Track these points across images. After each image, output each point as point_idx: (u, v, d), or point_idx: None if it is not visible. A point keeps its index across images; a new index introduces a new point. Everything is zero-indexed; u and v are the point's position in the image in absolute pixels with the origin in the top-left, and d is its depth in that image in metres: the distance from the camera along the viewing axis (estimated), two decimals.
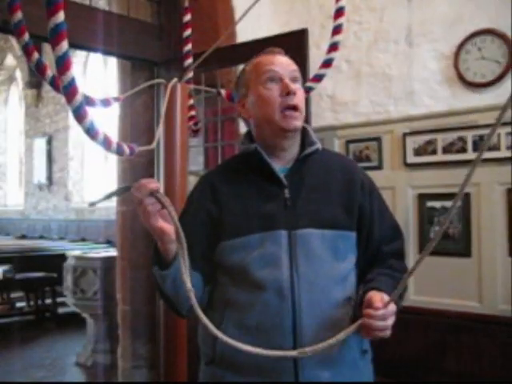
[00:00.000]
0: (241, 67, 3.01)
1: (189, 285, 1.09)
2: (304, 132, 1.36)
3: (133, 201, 1.12)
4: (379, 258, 1.33)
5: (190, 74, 2.19)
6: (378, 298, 1.11)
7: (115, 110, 3.42)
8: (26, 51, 1.65)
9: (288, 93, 1.26)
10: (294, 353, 1.12)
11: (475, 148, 2.50)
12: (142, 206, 1.09)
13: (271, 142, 1.31)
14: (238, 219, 1.26)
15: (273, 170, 1.29)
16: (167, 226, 1.12)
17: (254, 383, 1.18)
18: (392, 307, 1.10)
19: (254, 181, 1.31)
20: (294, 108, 1.27)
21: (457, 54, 2.58)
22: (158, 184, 1.10)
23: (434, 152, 2.63)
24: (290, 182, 1.29)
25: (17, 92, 11.13)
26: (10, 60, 10.78)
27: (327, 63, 1.93)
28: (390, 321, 1.11)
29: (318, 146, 1.35)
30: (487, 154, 2.46)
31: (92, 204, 1.20)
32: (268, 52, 1.36)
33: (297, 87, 1.29)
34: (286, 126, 1.26)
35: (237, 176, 1.34)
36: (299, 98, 1.29)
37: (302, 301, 1.20)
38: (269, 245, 1.23)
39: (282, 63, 1.31)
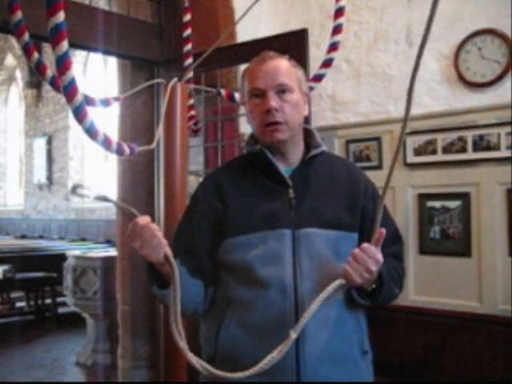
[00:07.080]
0: (241, 67, 3.03)
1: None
2: (309, 134, 1.37)
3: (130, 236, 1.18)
4: None
5: (190, 74, 2.19)
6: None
7: (115, 109, 3.42)
8: (26, 51, 1.65)
9: (268, 110, 1.26)
10: None
11: (475, 148, 2.50)
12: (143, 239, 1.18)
13: (269, 147, 1.33)
14: (243, 217, 1.28)
15: (278, 169, 1.30)
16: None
17: (255, 382, 1.18)
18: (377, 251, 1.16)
19: (259, 180, 1.32)
20: (276, 123, 1.27)
21: (457, 54, 2.57)
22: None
23: (433, 152, 2.63)
24: (294, 182, 1.31)
25: (17, 92, 11.13)
26: (10, 60, 10.78)
27: (327, 63, 1.94)
28: (373, 262, 1.15)
29: (324, 148, 1.37)
30: (487, 154, 2.47)
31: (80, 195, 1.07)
32: (260, 59, 1.32)
33: (283, 99, 1.27)
34: (268, 140, 1.29)
35: (242, 175, 1.35)
36: (283, 112, 1.27)
37: (305, 299, 1.21)
38: (272, 243, 1.24)
39: (268, 74, 1.27)
